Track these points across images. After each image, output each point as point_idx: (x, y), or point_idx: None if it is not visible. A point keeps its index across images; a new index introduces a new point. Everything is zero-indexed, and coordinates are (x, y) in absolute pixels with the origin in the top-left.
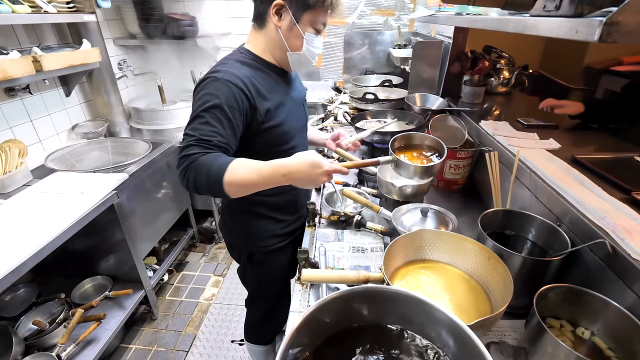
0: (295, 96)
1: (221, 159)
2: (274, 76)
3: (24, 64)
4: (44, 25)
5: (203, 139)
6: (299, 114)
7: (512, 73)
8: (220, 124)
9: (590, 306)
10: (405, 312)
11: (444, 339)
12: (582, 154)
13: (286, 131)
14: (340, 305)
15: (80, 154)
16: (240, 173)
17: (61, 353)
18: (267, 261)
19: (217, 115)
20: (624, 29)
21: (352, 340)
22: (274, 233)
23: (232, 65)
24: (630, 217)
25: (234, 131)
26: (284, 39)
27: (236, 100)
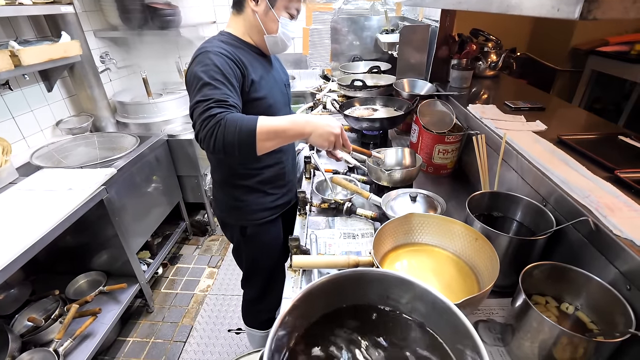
0: (277, 76)
1: (247, 116)
2: (255, 55)
3: (1, 59)
4: (20, 18)
5: (221, 100)
6: (280, 92)
7: (499, 56)
8: (226, 88)
9: (574, 282)
10: (392, 292)
11: (432, 317)
12: (567, 135)
13: (271, 104)
14: (330, 288)
15: (66, 150)
16: (271, 122)
17: (58, 348)
18: (259, 234)
19: (222, 80)
20: (605, 5)
21: (341, 321)
22: (264, 206)
23: (216, 44)
24: (613, 194)
25: (237, 94)
26: (261, 23)
27: (230, 68)
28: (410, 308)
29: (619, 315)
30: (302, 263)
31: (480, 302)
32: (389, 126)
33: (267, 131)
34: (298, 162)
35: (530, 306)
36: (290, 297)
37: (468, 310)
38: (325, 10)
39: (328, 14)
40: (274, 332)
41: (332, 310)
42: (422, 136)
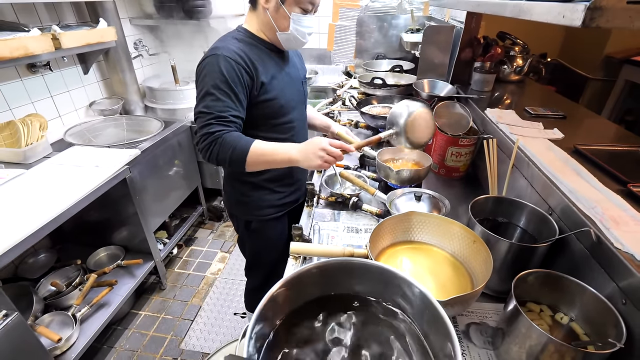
0: (292, 73)
1: (243, 139)
2: (269, 52)
3: (43, 41)
4: (64, 4)
5: (221, 116)
6: (295, 90)
7: (525, 61)
8: (229, 98)
9: (569, 292)
10: (376, 283)
11: (414, 309)
12: (584, 145)
13: (282, 104)
14: (317, 274)
15: (96, 129)
16: (262, 149)
17: (76, 313)
18: (263, 229)
19: (225, 90)
20: (608, 14)
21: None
22: (270, 203)
23: (229, 42)
24: (621, 207)
25: (241, 103)
26: (272, 20)
27: (237, 74)
28: (394, 300)
29: (612, 329)
30: (299, 250)
31: (470, 303)
32: None
33: (256, 158)
34: None
35: (520, 312)
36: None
37: (457, 309)
38: (352, 7)
39: (355, 11)
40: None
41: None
42: (436, 137)
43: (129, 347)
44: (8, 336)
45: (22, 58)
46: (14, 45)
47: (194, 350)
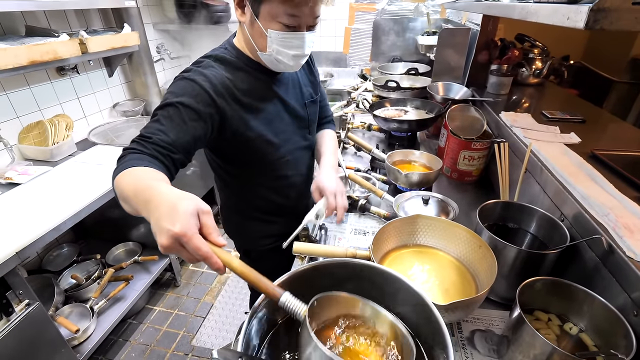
0: (290, 97)
1: (133, 162)
2: (259, 77)
3: (71, 45)
4: (92, 11)
5: (144, 136)
6: (290, 119)
7: (545, 63)
8: (170, 123)
9: (578, 301)
10: (376, 284)
11: (410, 312)
12: (602, 150)
13: (267, 141)
14: (314, 275)
15: (119, 130)
16: (126, 181)
17: (94, 306)
18: (264, 258)
19: (170, 113)
20: (612, 16)
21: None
22: (267, 233)
23: (208, 64)
24: (636, 215)
25: (186, 134)
26: (250, 37)
27: (197, 102)
28: (392, 302)
29: (622, 340)
30: (301, 249)
31: (472, 308)
32: (417, 128)
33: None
34: None
35: (524, 320)
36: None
37: (458, 314)
38: (368, 11)
39: (371, 14)
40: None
41: None
42: (449, 141)
43: (143, 341)
44: (29, 324)
45: (52, 62)
46: (44, 50)
47: (205, 347)
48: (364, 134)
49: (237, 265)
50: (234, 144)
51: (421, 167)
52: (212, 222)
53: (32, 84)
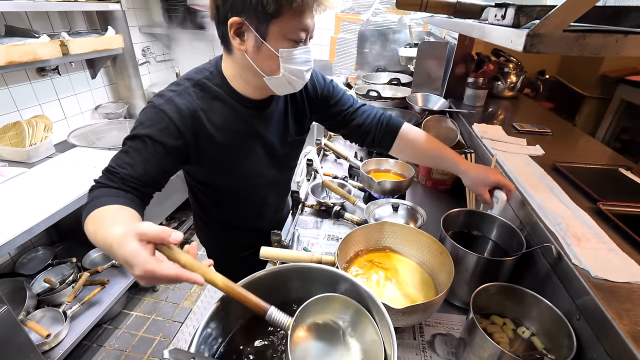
0: (272, 135)
1: (99, 200)
2: (238, 110)
3: (52, 47)
4: (75, 13)
5: (111, 170)
6: (266, 155)
7: (519, 77)
8: (138, 157)
9: (529, 306)
10: (336, 289)
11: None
12: (563, 162)
13: (241, 175)
14: (273, 280)
15: (100, 132)
16: (91, 229)
17: (67, 310)
18: (237, 266)
19: (138, 147)
20: (547, 40)
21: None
22: (240, 244)
23: (185, 90)
24: (586, 224)
25: (154, 167)
26: (254, 64)
27: (164, 135)
28: None
29: (565, 341)
30: (268, 254)
31: (429, 312)
32: None
33: (88, 231)
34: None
35: (475, 324)
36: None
37: (416, 318)
38: (353, 21)
39: (356, 25)
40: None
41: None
42: None
43: (118, 347)
44: None
45: (31, 62)
46: (24, 50)
47: None
48: (344, 142)
49: (220, 282)
50: (205, 171)
51: (395, 175)
52: (156, 231)
53: (10, 84)
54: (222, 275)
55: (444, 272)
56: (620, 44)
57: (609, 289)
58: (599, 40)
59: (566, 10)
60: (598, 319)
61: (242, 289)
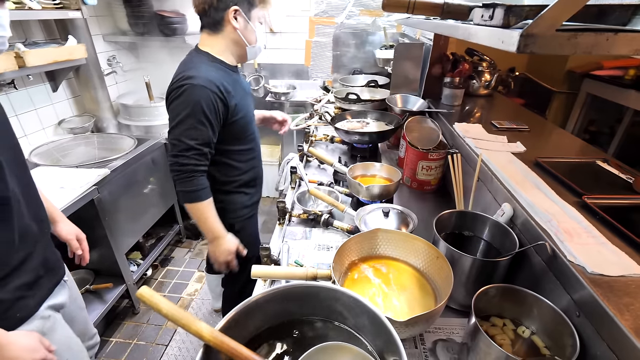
0: (245, 86)
1: (205, 191)
2: (232, 74)
3: (5, 60)
4: (31, 21)
5: (195, 148)
6: (251, 105)
7: (492, 76)
8: (204, 127)
9: (529, 306)
10: (337, 305)
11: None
12: (544, 158)
13: (247, 121)
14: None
15: (66, 149)
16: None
17: None
18: (246, 228)
19: (202, 119)
20: (540, 41)
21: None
22: (244, 205)
23: (205, 70)
24: (575, 219)
25: (214, 131)
26: (242, 37)
27: (213, 104)
28: (353, 322)
29: (568, 340)
30: (260, 273)
31: (432, 321)
32: (378, 140)
33: (196, 212)
34: (285, 172)
35: (479, 329)
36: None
37: (419, 328)
38: (327, 24)
39: (330, 28)
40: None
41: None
42: (407, 152)
43: (105, 358)
44: None
45: None
46: None
47: None
48: (327, 147)
49: (207, 334)
50: (224, 126)
51: (382, 179)
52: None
53: None
54: (237, 237)
55: (442, 277)
56: (610, 42)
57: (606, 284)
58: (590, 39)
59: (559, 9)
60: (598, 315)
61: (232, 342)
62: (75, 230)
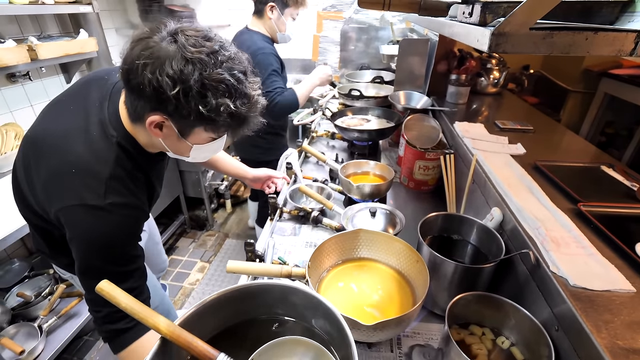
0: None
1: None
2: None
3: (18, 52)
4: (46, 16)
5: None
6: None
7: (502, 73)
8: (279, 76)
9: (508, 315)
10: (289, 302)
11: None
12: (544, 161)
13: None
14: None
15: None
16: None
17: (43, 324)
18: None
19: (278, 72)
20: (513, 39)
21: (242, 334)
22: (283, 144)
23: (267, 45)
24: (565, 228)
25: (282, 77)
26: (275, 26)
27: (277, 62)
28: (312, 321)
29: (545, 354)
30: (235, 268)
31: (403, 326)
32: (378, 138)
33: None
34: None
35: (449, 337)
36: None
37: (391, 332)
38: (335, 19)
39: (338, 22)
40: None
41: (236, 323)
42: (406, 150)
43: (100, 359)
44: None
45: None
46: None
47: None
48: (328, 143)
49: (164, 328)
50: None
51: (375, 177)
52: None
53: None
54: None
55: (421, 281)
56: (590, 42)
57: (587, 299)
58: (567, 39)
59: (531, 7)
60: (576, 331)
61: (188, 335)
62: (264, 177)
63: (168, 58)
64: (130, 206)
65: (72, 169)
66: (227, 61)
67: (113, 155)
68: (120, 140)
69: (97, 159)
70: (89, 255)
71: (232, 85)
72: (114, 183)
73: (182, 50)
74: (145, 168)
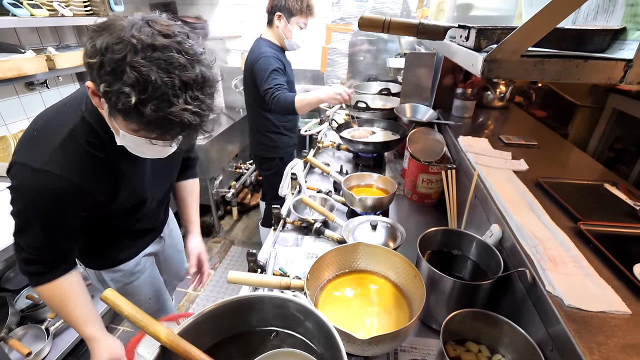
0: (288, 66)
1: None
2: (282, 52)
3: (37, 62)
4: (65, 27)
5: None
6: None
7: (508, 87)
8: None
9: (504, 333)
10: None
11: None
12: (547, 178)
13: (291, 80)
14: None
15: None
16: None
17: (50, 327)
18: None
19: (278, 71)
20: (505, 66)
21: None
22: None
23: (268, 51)
24: (564, 246)
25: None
26: (282, 33)
27: (278, 63)
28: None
29: None
30: (235, 279)
31: (399, 340)
32: (382, 150)
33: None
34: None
35: (444, 354)
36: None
37: (386, 346)
38: (344, 31)
39: (347, 35)
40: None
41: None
42: (409, 163)
43: None
44: None
45: (17, 78)
46: (8, 67)
47: None
48: (333, 153)
49: (164, 337)
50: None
51: (377, 190)
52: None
53: None
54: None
55: (419, 296)
56: (580, 69)
57: (582, 320)
58: (558, 66)
59: (523, 35)
60: (569, 352)
61: (187, 344)
62: (200, 249)
63: (110, 33)
64: (65, 179)
65: (35, 132)
66: (171, 64)
67: (70, 126)
68: (85, 115)
69: (57, 128)
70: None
71: (154, 84)
72: (58, 154)
73: (125, 32)
74: (110, 149)
